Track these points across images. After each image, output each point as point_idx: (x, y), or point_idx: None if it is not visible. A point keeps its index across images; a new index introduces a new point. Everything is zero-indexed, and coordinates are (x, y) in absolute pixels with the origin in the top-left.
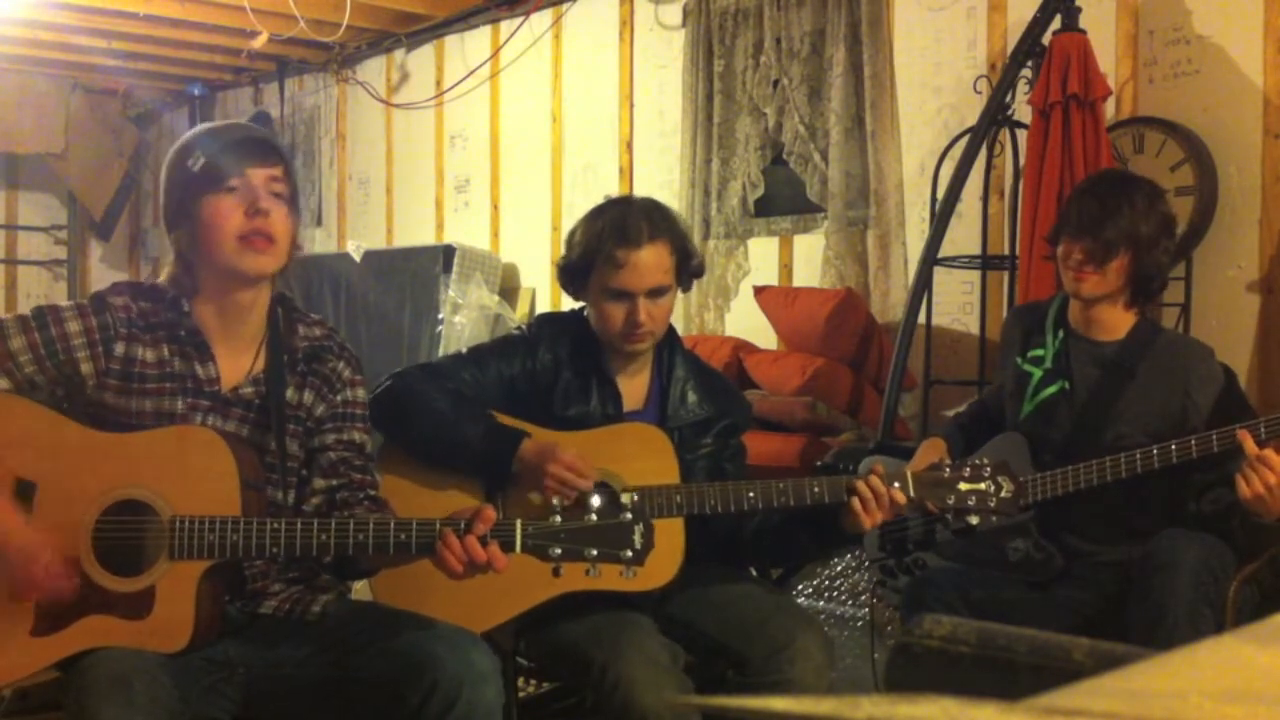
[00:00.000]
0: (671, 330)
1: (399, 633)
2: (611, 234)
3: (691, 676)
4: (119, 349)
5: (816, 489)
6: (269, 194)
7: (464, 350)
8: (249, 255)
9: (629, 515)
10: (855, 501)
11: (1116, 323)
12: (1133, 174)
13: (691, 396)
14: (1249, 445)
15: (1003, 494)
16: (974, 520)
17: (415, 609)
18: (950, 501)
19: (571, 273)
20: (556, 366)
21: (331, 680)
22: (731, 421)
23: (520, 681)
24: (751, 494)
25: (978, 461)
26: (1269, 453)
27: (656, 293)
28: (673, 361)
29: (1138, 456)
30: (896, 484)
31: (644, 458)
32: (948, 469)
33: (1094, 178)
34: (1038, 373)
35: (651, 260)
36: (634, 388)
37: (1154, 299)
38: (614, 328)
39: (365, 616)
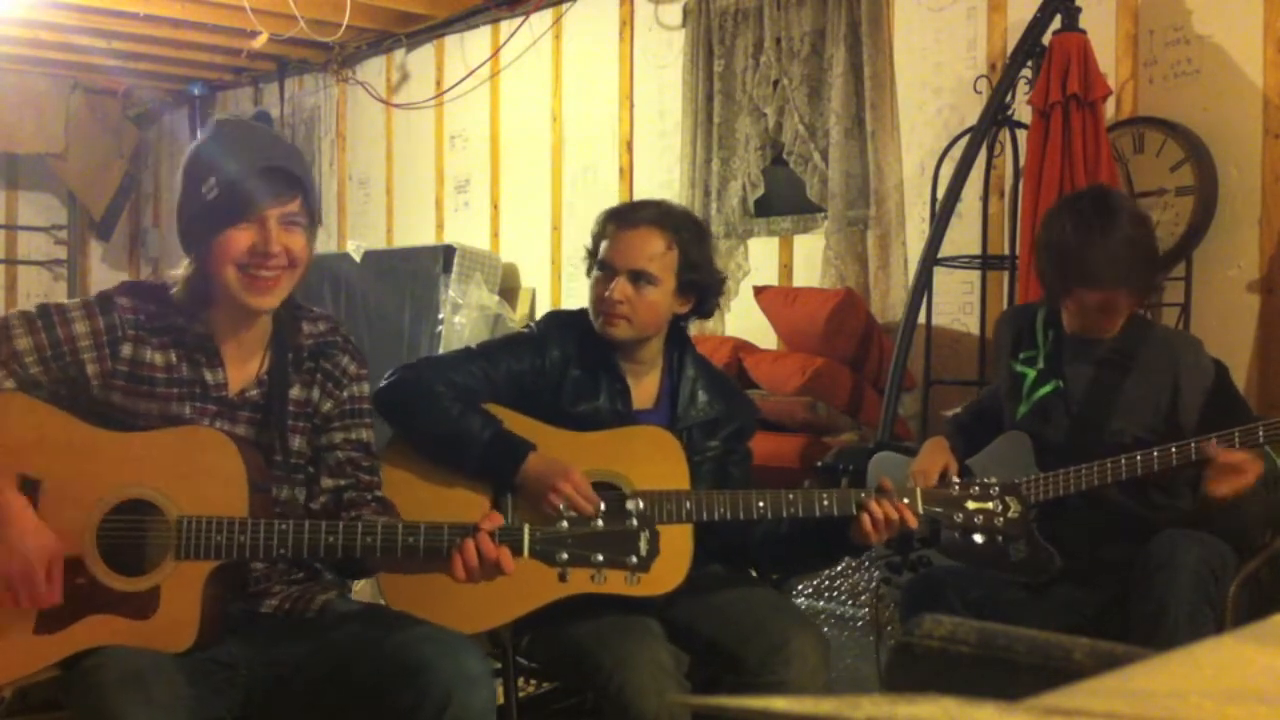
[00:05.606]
0: (683, 331)
1: (390, 635)
2: (613, 211)
3: (688, 677)
4: (126, 350)
5: (826, 501)
6: (284, 227)
7: (473, 346)
8: (252, 294)
9: (635, 522)
10: (865, 519)
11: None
12: (1114, 199)
13: (701, 396)
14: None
15: (1010, 514)
16: (979, 539)
17: (422, 607)
18: (958, 519)
19: (591, 260)
20: (565, 363)
21: (329, 680)
22: (739, 426)
23: (520, 681)
24: (761, 504)
25: (986, 480)
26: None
27: (639, 277)
28: (683, 362)
29: (1138, 459)
30: (906, 501)
31: (654, 461)
32: (956, 486)
33: (1084, 215)
34: (1031, 373)
35: (638, 242)
36: (644, 386)
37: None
38: (592, 303)
39: (358, 618)
